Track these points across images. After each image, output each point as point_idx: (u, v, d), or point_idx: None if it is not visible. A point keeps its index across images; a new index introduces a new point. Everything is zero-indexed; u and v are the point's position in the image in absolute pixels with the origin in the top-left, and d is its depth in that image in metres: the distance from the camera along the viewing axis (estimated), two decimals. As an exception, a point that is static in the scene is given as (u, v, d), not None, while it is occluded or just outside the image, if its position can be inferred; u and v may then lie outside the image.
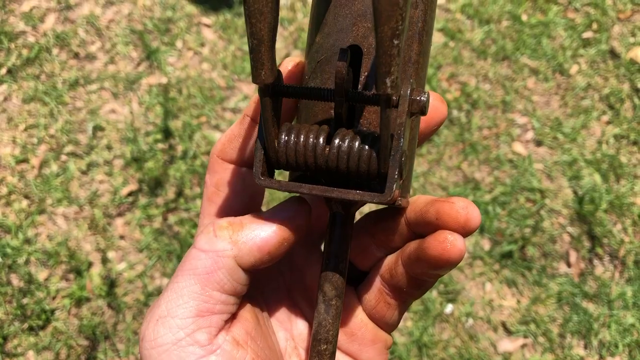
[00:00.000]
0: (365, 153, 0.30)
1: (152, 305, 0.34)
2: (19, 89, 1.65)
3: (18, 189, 1.52)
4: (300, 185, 0.32)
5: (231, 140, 0.37)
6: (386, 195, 0.30)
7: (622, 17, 1.87)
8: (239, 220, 0.34)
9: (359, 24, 0.33)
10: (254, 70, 0.29)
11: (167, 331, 0.32)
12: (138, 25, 1.77)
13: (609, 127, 1.70)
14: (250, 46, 0.28)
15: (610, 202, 1.57)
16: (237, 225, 0.33)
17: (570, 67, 1.79)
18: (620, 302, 1.47)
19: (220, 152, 0.37)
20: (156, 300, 0.34)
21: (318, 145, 0.31)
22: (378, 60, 0.26)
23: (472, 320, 1.45)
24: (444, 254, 0.32)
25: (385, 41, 0.26)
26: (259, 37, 0.28)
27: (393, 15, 0.25)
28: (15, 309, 1.38)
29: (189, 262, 0.33)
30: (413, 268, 0.35)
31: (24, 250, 1.45)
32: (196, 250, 0.33)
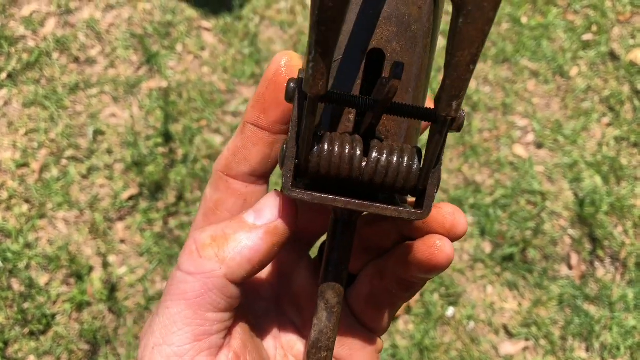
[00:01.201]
0: (404, 169, 0.30)
1: (146, 329, 0.32)
2: (19, 93, 1.65)
3: (18, 193, 1.52)
4: (335, 198, 0.30)
5: (235, 153, 0.35)
6: (424, 213, 0.30)
7: (621, 19, 1.87)
8: (221, 232, 0.31)
9: (384, 27, 0.32)
10: (313, 80, 0.27)
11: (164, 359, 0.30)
12: (138, 29, 1.77)
13: (610, 129, 1.70)
14: (313, 55, 0.26)
15: (611, 204, 1.57)
16: (221, 239, 0.31)
17: (571, 69, 1.79)
18: (621, 304, 1.46)
19: (224, 167, 0.36)
20: (149, 324, 0.32)
21: (355, 157, 0.30)
22: (449, 83, 0.26)
23: (474, 323, 1.44)
24: (432, 259, 0.32)
25: (462, 66, 0.26)
26: (325, 46, 0.26)
27: (476, 41, 0.25)
28: (16, 313, 1.38)
29: (176, 287, 0.31)
30: (401, 271, 0.35)
31: (24, 255, 1.45)
32: (182, 273, 0.31)
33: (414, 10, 0.32)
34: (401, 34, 0.32)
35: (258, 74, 1.72)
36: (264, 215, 0.32)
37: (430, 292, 1.46)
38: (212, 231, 0.32)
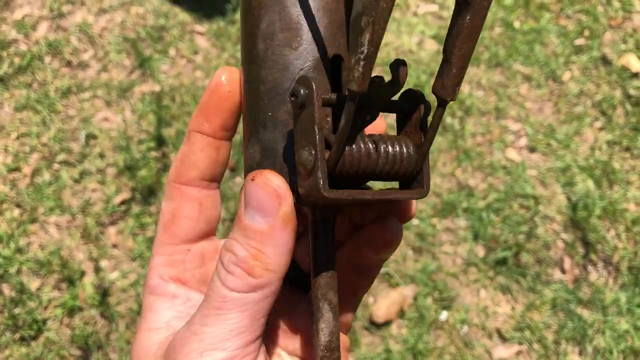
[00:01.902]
0: (406, 156, 0.33)
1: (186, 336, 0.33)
2: (11, 97, 1.64)
3: (10, 197, 1.51)
4: (363, 192, 0.32)
5: (183, 160, 0.37)
6: (426, 190, 0.34)
7: (613, 24, 1.89)
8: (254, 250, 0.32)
9: (340, 34, 0.34)
10: (361, 78, 0.28)
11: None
12: (131, 33, 1.76)
13: (602, 134, 1.71)
14: (366, 53, 0.27)
15: (604, 208, 1.58)
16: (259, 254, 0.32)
17: (563, 74, 1.80)
18: (614, 308, 1.47)
19: (176, 176, 0.37)
20: (191, 330, 0.33)
21: (372, 152, 0.32)
22: (455, 72, 0.30)
23: (467, 327, 1.44)
24: (385, 237, 0.36)
25: (467, 56, 0.30)
26: (376, 44, 0.27)
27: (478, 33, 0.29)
28: (6, 319, 1.37)
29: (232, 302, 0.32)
30: (357, 257, 0.38)
31: (15, 260, 1.44)
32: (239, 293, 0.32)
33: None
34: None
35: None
36: (266, 210, 0.32)
37: (424, 296, 1.46)
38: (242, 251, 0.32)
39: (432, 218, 1.55)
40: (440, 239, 1.54)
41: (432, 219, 1.55)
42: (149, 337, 0.36)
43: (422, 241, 1.52)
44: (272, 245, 0.32)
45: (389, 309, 1.43)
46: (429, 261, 1.50)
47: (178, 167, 0.38)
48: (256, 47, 0.33)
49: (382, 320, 1.42)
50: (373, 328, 1.42)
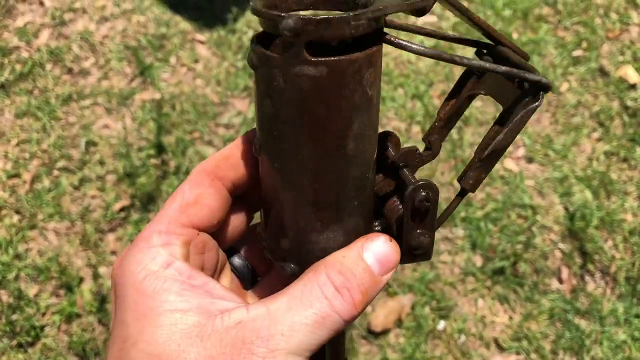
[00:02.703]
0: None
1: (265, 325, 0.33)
2: (12, 104, 1.65)
3: (9, 204, 1.52)
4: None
5: (227, 158, 0.38)
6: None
7: (611, 36, 1.90)
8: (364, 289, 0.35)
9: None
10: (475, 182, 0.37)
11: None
12: (132, 41, 1.78)
13: (599, 144, 1.72)
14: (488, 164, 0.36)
15: (601, 218, 1.58)
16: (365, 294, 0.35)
17: (561, 85, 1.81)
18: (611, 318, 1.47)
19: (213, 167, 0.38)
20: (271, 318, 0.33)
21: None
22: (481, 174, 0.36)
23: (465, 336, 1.44)
24: None
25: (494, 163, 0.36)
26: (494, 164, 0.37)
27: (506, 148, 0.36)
28: (4, 325, 1.37)
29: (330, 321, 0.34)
30: None
31: (14, 266, 1.44)
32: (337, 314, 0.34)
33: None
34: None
35: (251, 87, 1.73)
36: (388, 268, 0.36)
37: (421, 306, 1.46)
38: (357, 282, 0.34)
39: (430, 227, 1.55)
40: (438, 248, 1.54)
41: (430, 228, 1.55)
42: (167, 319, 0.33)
43: (420, 250, 1.52)
44: (376, 292, 0.36)
45: (387, 318, 1.43)
46: (426, 270, 1.50)
47: (219, 161, 0.38)
48: (345, 147, 0.33)
49: (380, 329, 1.42)
50: (371, 337, 1.42)
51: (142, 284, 0.33)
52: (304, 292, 0.33)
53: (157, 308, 0.33)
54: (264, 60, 0.31)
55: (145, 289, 0.33)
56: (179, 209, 0.37)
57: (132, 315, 0.33)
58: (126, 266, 0.35)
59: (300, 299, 0.33)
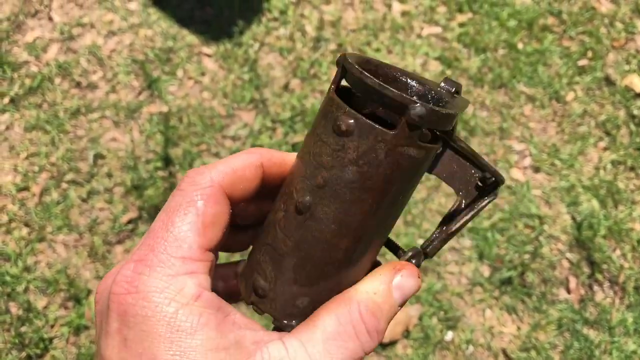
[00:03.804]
0: None
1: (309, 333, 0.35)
2: (21, 117, 1.67)
3: (18, 217, 1.53)
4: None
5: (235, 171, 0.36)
6: None
7: (616, 45, 1.90)
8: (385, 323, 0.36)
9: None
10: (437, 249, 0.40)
11: None
12: (139, 55, 1.79)
13: (606, 154, 1.71)
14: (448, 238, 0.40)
15: (609, 227, 1.58)
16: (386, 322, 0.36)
17: (567, 94, 1.81)
18: (621, 328, 1.46)
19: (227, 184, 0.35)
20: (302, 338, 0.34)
21: None
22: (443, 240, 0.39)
23: (473, 347, 1.44)
24: None
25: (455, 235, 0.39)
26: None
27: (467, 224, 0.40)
28: (13, 337, 1.38)
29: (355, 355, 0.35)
30: None
31: (23, 278, 1.45)
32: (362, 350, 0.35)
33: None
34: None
35: (257, 99, 1.74)
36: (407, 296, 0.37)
37: (429, 316, 1.46)
38: (385, 324, 0.35)
39: (437, 237, 1.55)
40: (445, 258, 1.54)
41: (437, 238, 1.55)
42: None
43: (427, 261, 1.52)
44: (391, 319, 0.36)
45: (394, 329, 1.43)
46: (434, 281, 1.50)
47: (235, 182, 0.35)
48: (396, 218, 0.38)
49: (387, 340, 1.41)
50: (378, 348, 1.42)
51: (176, 320, 0.31)
52: (339, 332, 0.33)
53: (199, 347, 0.30)
54: (367, 131, 0.33)
55: (182, 325, 0.30)
56: (198, 231, 0.33)
57: (167, 354, 0.30)
58: (146, 296, 0.31)
59: (335, 339, 0.33)
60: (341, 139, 0.33)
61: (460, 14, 1.94)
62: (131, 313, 0.31)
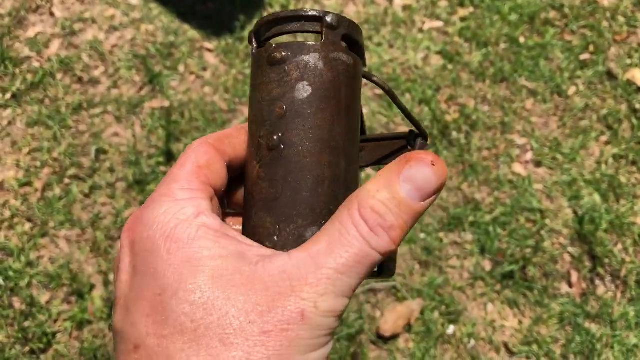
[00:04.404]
0: None
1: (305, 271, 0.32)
2: (23, 113, 1.67)
3: (21, 212, 1.54)
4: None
5: (228, 136, 0.39)
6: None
7: (618, 39, 1.90)
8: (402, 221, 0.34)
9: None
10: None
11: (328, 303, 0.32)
12: (141, 50, 1.79)
13: (608, 148, 1.71)
14: None
15: (611, 222, 1.58)
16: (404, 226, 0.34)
17: (568, 89, 1.81)
18: (623, 322, 1.46)
19: (215, 141, 0.38)
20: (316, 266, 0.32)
21: None
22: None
23: (474, 341, 1.44)
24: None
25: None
26: None
27: None
28: (16, 332, 1.38)
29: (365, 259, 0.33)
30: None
31: (26, 273, 1.45)
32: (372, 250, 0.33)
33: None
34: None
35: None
36: (429, 193, 0.34)
37: (431, 310, 1.46)
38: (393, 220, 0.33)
39: (439, 232, 1.56)
40: (447, 253, 1.54)
41: (438, 233, 1.55)
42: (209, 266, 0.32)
43: (428, 255, 1.52)
44: (415, 221, 0.34)
45: (396, 323, 1.43)
46: (435, 275, 1.50)
47: (220, 136, 0.39)
48: (357, 129, 0.38)
49: (389, 334, 1.42)
50: (380, 342, 1.42)
51: (175, 232, 0.32)
52: (342, 233, 0.32)
53: (195, 254, 0.32)
54: (300, 50, 0.36)
55: (180, 237, 0.32)
56: (194, 170, 0.36)
57: (166, 265, 0.32)
58: (150, 219, 0.33)
59: (340, 241, 0.32)
60: (281, 67, 0.36)
61: (462, 8, 1.94)
62: (137, 240, 0.33)
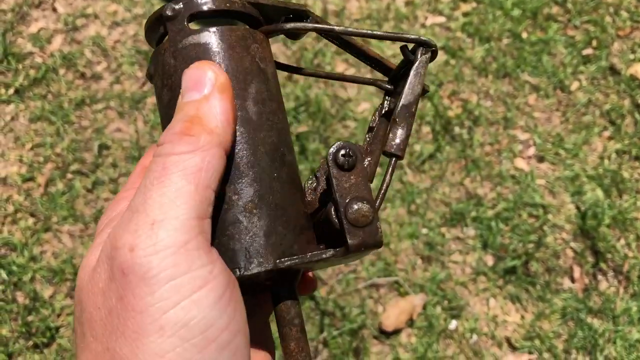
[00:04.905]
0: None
1: (128, 217, 0.30)
2: (26, 108, 1.67)
3: (24, 207, 1.54)
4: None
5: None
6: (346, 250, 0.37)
7: (621, 34, 1.89)
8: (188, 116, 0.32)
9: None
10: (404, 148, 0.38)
11: (169, 234, 0.29)
12: (144, 45, 1.79)
13: (611, 143, 1.71)
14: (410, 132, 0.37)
15: (613, 217, 1.58)
16: (195, 118, 0.31)
17: (571, 84, 1.80)
18: (625, 317, 1.46)
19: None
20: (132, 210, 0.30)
21: None
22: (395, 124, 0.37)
23: (477, 336, 1.44)
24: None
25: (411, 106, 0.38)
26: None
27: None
28: (20, 326, 1.39)
29: (173, 165, 0.30)
30: None
31: (29, 268, 1.46)
32: (176, 156, 0.30)
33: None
34: None
35: (261, 89, 1.74)
36: (202, 84, 0.32)
37: (433, 305, 1.46)
38: (182, 118, 0.32)
39: (441, 227, 1.56)
40: (449, 248, 1.54)
41: (441, 228, 1.55)
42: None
43: (431, 250, 1.52)
44: (209, 107, 0.32)
45: (398, 318, 1.43)
46: (438, 270, 1.51)
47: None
48: (246, 108, 0.35)
49: (391, 329, 1.42)
50: (382, 337, 1.43)
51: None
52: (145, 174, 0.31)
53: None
54: (156, 56, 0.36)
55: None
56: (139, 173, 0.38)
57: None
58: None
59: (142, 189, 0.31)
60: (154, 83, 0.36)
61: (464, 3, 1.93)
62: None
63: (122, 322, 0.28)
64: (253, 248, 0.33)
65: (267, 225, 0.34)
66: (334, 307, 1.44)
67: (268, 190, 0.35)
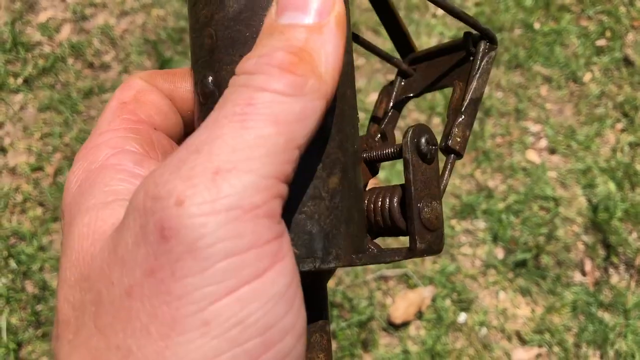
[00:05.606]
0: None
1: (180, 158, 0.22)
2: (35, 98, 1.67)
3: (33, 196, 1.54)
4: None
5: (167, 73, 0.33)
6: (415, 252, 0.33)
7: (636, 25, 1.86)
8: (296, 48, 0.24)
9: None
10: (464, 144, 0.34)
11: (236, 191, 0.21)
12: (152, 35, 1.79)
13: (624, 135, 1.69)
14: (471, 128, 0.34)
15: (626, 210, 1.56)
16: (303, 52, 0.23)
17: (584, 75, 1.78)
18: (636, 311, 1.45)
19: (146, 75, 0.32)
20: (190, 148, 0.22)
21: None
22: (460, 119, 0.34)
23: (486, 329, 1.43)
24: None
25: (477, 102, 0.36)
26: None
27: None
28: (29, 315, 1.39)
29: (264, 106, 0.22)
30: None
31: (38, 258, 1.46)
32: (270, 93, 0.22)
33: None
34: None
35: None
36: (310, 3, 0.24)
37: (442, 298, 1.45)
38: (285, 47, 0.23)
39: (451, 219, 1.54)
40: (459, 240, 1.53)
41: (451, 220, 1.54)
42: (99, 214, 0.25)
43: (440, 242, 1.51)
44: (322, 42, 0.24)
45: (407, 310, 1.42)
46: (447, 262, 1.50)
47: (152, 73, 0.32)
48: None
49: (400, 321, 1.41)
50: (391, 329, 1.42)
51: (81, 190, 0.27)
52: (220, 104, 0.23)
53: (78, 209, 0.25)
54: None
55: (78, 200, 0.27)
56: (114, 108, 0.29)
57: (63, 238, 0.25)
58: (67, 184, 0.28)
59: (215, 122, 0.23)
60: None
61: (476, -7, 1.91)
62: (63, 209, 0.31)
63: (149, 309, 0.20)
64: (332, 235, 0.27)
65: (348, 210, 0.28)
66: (342, 299, 1.44)
67: (351, 164, 0.29)
